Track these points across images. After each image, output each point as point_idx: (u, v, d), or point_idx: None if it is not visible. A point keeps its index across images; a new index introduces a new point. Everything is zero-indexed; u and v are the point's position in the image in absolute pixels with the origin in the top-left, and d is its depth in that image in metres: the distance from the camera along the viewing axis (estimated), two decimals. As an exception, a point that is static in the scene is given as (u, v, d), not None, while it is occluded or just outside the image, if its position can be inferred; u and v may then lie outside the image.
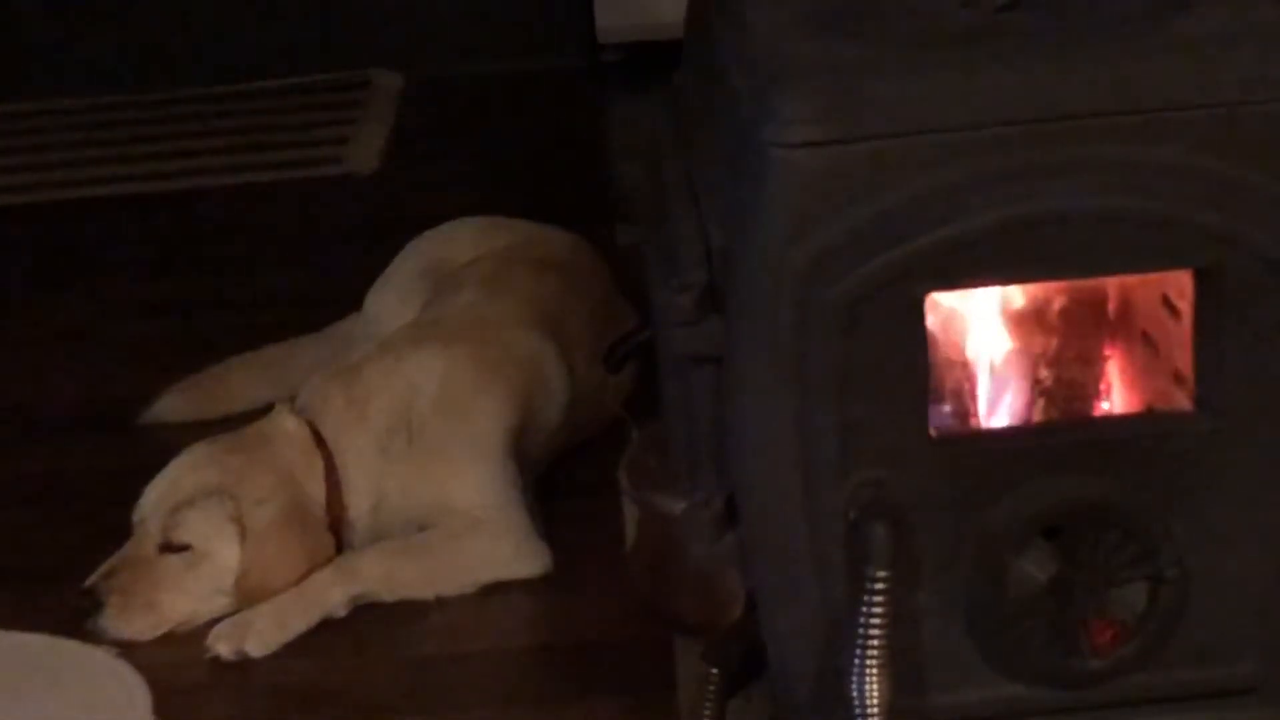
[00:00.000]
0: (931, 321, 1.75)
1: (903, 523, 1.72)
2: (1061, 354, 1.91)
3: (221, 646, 2.32)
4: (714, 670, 1.90)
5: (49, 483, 2.79)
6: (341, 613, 2.37)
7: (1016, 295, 1.87)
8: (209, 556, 2.36)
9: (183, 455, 2.44)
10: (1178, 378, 1.81)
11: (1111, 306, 1.91)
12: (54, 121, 4.38)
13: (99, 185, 3.96)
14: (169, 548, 2.36)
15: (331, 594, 2.37)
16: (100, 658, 2.31)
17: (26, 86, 4.50)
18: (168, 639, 2.36)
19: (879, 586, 1.69)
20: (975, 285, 1.77)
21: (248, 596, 2.36)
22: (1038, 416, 1.90)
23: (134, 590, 2.34)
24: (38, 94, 4.48)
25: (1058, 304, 1.89)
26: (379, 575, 2.39)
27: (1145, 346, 1.88)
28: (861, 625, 1.69)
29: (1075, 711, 1.82)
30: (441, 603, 2.40)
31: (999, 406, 1.91)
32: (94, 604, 2.33)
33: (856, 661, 1.68)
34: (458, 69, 4.46)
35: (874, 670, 1.68)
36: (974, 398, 1.91)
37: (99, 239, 3.71)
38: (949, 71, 1.67)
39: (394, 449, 2.47)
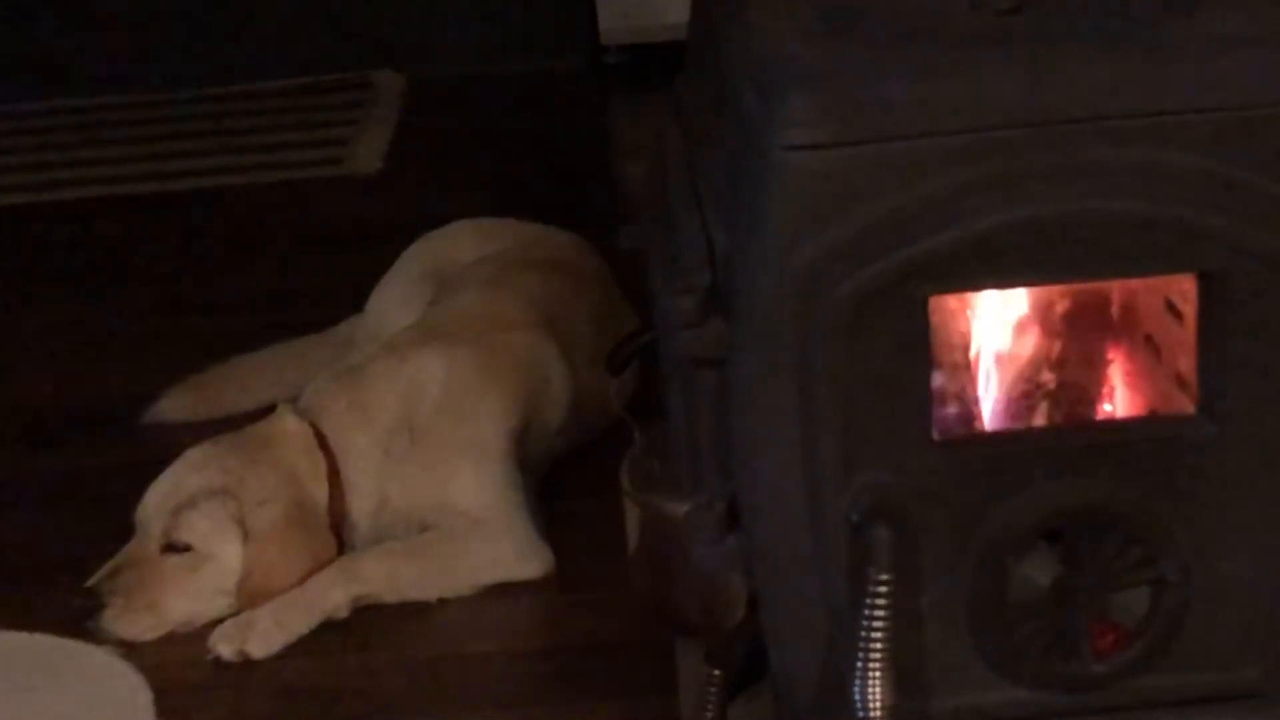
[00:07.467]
0: (935, 324, 1.74)
1: (905, 525, 1.72)
2: (1064, 357, 1.91)
3: (223, 647, 2.32)
4: (716, 672, 1.90)
5: (51, 483, 2.79)
6: (343, 614, 2.38)
7: (1020, 298, 1.87)
8: (211, 557, 2.36)
9: (185, 456, 2.44)
10: (1181, 381, 1.80)
11: (1115, 309, 1.91)
12: (54, 121, 4.39)
13: (100, 186, 3.96)
14: (171, 548, 2.36)
15: (333, 595, 2.37)
16: (102, 658, 2.31)
17: (27, 86, 4.50)
18: (169, 639, 2.36)
19: (881, 589, 1.69)
20: (979, 288, 1.77)
21: (250, 597, 2.36)
22: (1041, 420, 1.90)
23: (136, 591, 2.34)
24: (38, 94, 4.49)
25: (1061, 307, 1.88)
26: (381, 576, 2.39)
27: (1148, 350, 1.88)
28: (864, 628, 1.68)
29: (1077, 716, 1.82)
30: (443, 604, 2.40)
31: (1002, 409, 1.91)
32: (96, 604, 2.33)
33: (859, 664, 1.68)
34: (460, 70, 4.47)
35: (876, 673, 1.68)
36: (977, 400, 1.91)
37: (101, 240, 3.71)
38: (953, 74, 1.67)
39: (396, 450, 2.47)
